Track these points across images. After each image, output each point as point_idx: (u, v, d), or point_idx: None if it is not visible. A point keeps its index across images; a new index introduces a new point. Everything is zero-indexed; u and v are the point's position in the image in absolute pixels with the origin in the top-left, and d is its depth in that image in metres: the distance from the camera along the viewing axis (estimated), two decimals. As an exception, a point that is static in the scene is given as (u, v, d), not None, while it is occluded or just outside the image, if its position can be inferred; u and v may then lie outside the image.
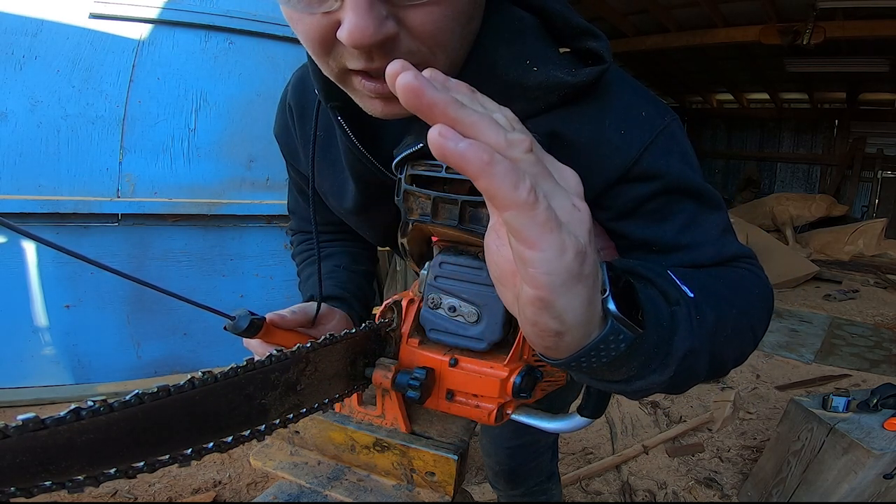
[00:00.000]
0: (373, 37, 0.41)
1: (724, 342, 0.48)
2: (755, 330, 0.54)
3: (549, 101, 0.52)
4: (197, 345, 2.45)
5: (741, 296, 0.53)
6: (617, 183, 0.55)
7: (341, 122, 0.58)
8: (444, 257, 0.60)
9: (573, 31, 0.54)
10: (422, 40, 0.45)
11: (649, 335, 0.38)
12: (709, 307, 0.45)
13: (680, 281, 0.45)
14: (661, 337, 0.39)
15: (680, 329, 0.41)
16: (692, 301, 0.44)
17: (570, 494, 1.93)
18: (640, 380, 0.41)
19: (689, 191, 0.57)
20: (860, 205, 8.01)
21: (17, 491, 0.30)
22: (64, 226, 2.16)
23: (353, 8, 0.40)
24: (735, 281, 0.55)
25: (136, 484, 1.79)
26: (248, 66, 2.45)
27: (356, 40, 0.40)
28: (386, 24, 0.41)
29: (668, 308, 0.41)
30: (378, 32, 0.41)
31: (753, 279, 0.58)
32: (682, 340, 0.41)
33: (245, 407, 0.41)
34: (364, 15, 0.40)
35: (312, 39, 0.45)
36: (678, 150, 0.56)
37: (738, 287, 0.54)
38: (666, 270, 0.46)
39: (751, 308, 0.53)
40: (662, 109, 0.57)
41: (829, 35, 4.85)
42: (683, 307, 0.42)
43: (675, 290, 0.43)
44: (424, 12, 0.43)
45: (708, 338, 0.44)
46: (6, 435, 0.30)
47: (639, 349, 0.37)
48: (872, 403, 1.59)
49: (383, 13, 0.41)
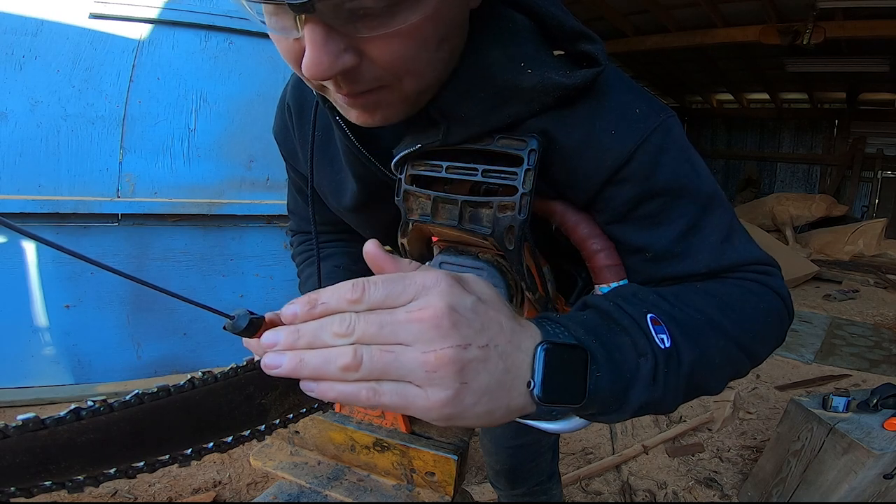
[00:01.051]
0: (328, 71, 0.41)
1: (708, 374, 0.49)
2: (753, 350, 0.52)
3: (544, 102, 0.51)
4: (197, 345, 2.45)
5: (737, 317, 0.51)
6: (608, 184, 0.54)
7: (339, 121, 0.58)
8: (444, 257, 0.60)
9: (568, 34, 0.53)
10: (385, 69, 0.44)
11: (600, 393, 0.41)
12: (689, 348, 0.46)
13: (656, 330, 0.45)
14: (616, 390, 0.42)
15: (638, 384, 0.43)
16: (665, 352, 0.44)
17: (570, 494, 1.93)
18: (602, 416, 0.44)
19: (687, 192, 0.54)
20: (860, 205, 8.01)
21: (17, 491, 0.30)
22: (64, 226, 2.16)
23: (310, 42, 0.40)
24: (733, 299, 0.52)
25: (136, 484, 1.79)
26: (248, 66, 2.45)
27: (312, 74, 0.41)
28: (343, 57, 0.41)
29: (635, 359, 0.43)
30: (334, 66, 0.41)
31: (759, 292, 0.54)
32: (637, 394, 0.43)
33: (245, 407, 0.41)
34: (319, 50, 0.40)
35: (287, 60, 0.46)
36: (674, 148, 0.54)
37: (734, 307, 0.52)
38: (645, 316, 0.45)
39: (750, 329, 0.52)
40: (658, 108, 0.55)
41: (829, 35, 4.85)
42: (649, 360, 0.43)
43: (646, 342, 0.44)
44: (384, 44, 0.42)
45: (683, 380, 0.46)
46: (6, 435, 0.30)
47: (588, 405, 0.41)
48: (872, 403, 1.59)
49: (340, 46, 0.41)
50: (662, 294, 0.50)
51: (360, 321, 0.34)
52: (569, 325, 0.43)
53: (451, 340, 0.34)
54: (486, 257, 0.59)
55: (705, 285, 0.54)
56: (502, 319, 0.37)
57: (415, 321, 0.34)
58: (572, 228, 0.58)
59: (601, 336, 0.43)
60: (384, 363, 0.34)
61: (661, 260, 0.56)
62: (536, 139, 0.51)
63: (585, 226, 0.58)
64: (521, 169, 0.50)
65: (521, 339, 0.38)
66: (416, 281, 0.35)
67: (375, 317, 0.34)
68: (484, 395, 0.35)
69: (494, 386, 0.36)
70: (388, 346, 0.34)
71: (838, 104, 8.03)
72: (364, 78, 0.45)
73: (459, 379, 0.34)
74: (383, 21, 0.40)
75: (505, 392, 0.37)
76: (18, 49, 2.06)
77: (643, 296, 0.49)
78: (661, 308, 0.48)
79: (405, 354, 0.34)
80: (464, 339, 0.34)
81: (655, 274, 0.57)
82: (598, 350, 0.41)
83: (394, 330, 0.34)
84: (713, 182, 0.57)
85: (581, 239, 0.58)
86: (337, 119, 0.58)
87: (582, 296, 0.65)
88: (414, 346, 0.34)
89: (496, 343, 0.36)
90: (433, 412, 0.34)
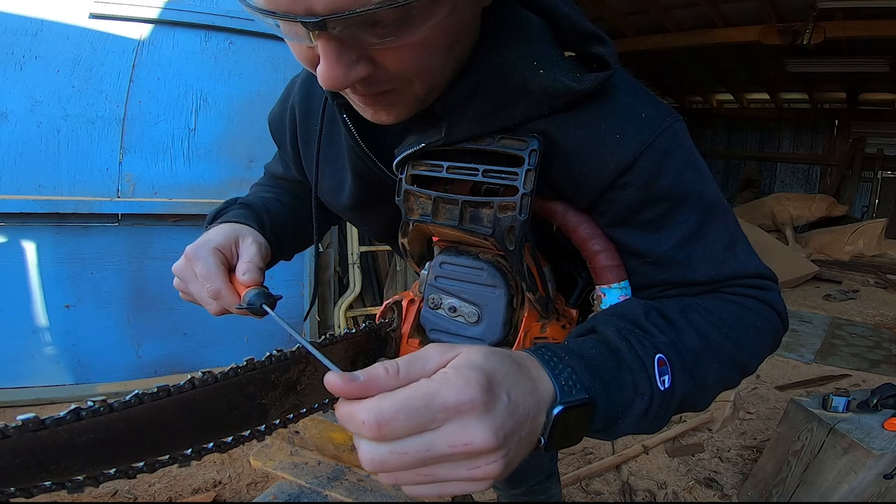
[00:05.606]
0: (343, 83, 0.42)
1: (699, 397, 0.50)
2: (746, 365, 0.54)
3: (553, 105, 0.51)
4: (197, 345, 2.45)
5: (735, 336, 0.52)
6: (611, 188, 0.53)
7: (346, 119, 0.59)
8: (444, 257, 0.60)
9: (580, 35, 0.53)
10: (399, 74, 0.45)
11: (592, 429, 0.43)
12: (685, 383, 0.47)
13: (660, 371, 0.46)
14: (606, 424, 0.44)
15: (628, 419, 0.45)
16: (662, 392, 0.46)
17: (570, 494, 1.93)
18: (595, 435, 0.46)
19: (690, 199, 0.54)
20: (860, 205, 8.01)
21: (16, 491, 0.30)
22: (64, 226, 2.16)
23: (324, 56, 0.41)
24: (732, 319, 0.53)
25: (136, 484, 1.79)
26: (248, 66, 2.45)
27: (328, 86, 0.43)
28: (356, 67, 0.42)
29: (631, 397, 0.45)
30: (348, 78, 0.42)
31: (757, 309, 0.55)
32: (625, 428, 0.45)
33: (245, 407, 0.41)
34: (333, 63, 0.41)
35: (302, 62, 0.47)
36: (679, 153, 0.53)
37: (732, 327, 0.52)
38: (653, 358, 0.46)
39: (745, 346, 0.53)
40: (664, 111, 0.54)
41: (829, 35, 4.85)
42: (645, 400, 0.45)
43: (647, 385, 0.45)
44: (396, 53, 0.43)
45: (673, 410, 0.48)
46: (6, 435, 0.30)
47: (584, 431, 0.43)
48: (872, 403, 1.59)
49: (353, 58, 0.42)
50: (669, 316, 0.51)
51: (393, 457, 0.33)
52: (576, 368, 0.42)
53: (497, 454, 0.34)
54: (487, 257, 0.59)
55: (705, 302, 0.54)
56: (528, 400, 0.37)
57: (461, 452, 0.33)
58: (573, 229, 0.58)
59: (605, 376, 0.44)
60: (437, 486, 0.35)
61: (662, 265, 0.55)
62: (537, 139, 0.51)
63: (586, 226, 0.57)
64: (521, 169, 0.50)
65: (541, 410, 0.38)
66: (448, 401, 0.33)
67: (412, 455, 0.33)
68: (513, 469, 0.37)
69: (520, 459, 0.37)
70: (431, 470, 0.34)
71: (838, 104, 8.03)
72: (378, 82, 0.46)
73: (505, 472, 0.35)
74: (395, 31, 0.40)
75: (526, 453, 0.38)
76: (18, 49, 2.06)
77: (651, 328, 0.49)
78: (668, 344, 0.48)
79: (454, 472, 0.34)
80: (509, 446, 0.35)
81: (655, 278, 0.57)
82: (600, 394, 0.43)
83: (437, 460, 0.33)
84: (717, 189, 0.56)
85: (582, 239, 0.58)
86: (344, 117, 0.58)
87: (582, 296, 0.65)
88: (460, 462, 0.34)
89: (527, 428, 0.37)
90: None
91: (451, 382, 0.33)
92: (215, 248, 0.60)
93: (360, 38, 0.40)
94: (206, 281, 0.58)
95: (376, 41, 0.40)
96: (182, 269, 0.61)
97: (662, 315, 0.51)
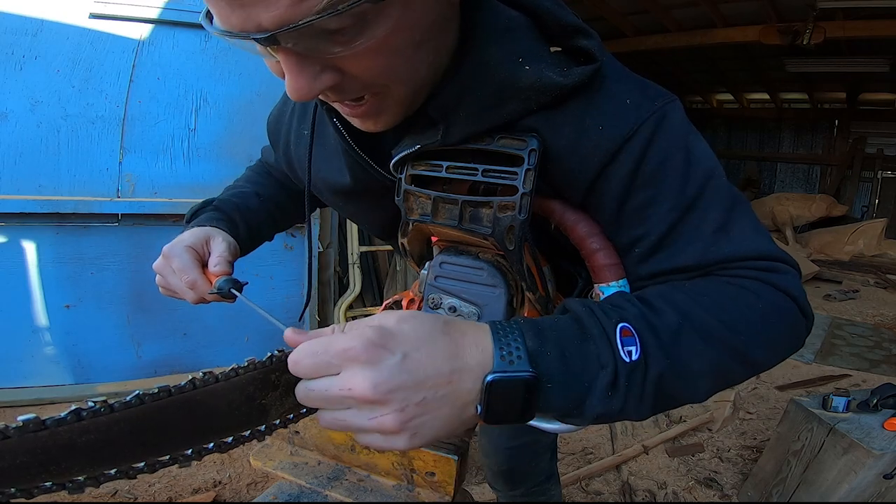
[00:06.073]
0: (309, 94, 0.43)
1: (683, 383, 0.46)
2: (749, 354, 0.48)
3: (542, 101, 0.51)
4: (197, 345, 2.45)
5: (727, 318, 0.47)
6: (597, 180, 0.52)
7: (336, 123, 0.58)
8: (444, 257, 0.60)
9: (564, 30, 0.53)
10: (370, 80, 0.45)
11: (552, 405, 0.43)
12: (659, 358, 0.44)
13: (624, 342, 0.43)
14: (569, 401, 0.43)
15: (593, 395, 0.43)
16: (629, 364, 0.43)
17: (570, 494, 1.93)
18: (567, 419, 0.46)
19: (679, 182, 0.51)
20: (860, 205, 8.00)
21: (17, 492, 0.30)
22: (64, 226, 2.16)
23: (286, 69, 0.41)
24: (723, 299, 0.49)
25: (136, 484, 1.79)
26: (248, 66, 2.45)
27: (295, 98, 0.43)
28: (321, 78, 0.43)
29: (595, 371, 0.43)
30: (313, 88, 0.43)
31: (758, 289, 0.50)
32: (592, 405, 0.43)
33: (245, 407, 0.41)
34: (296, 76, 0.42)
35: (277, 76, 0.46)
36: (666, 137, 0.51)
37: (724, 307, 0.48)
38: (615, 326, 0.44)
39: (743, 331, 0.48)
40: (653, 95, 0.53)
41: (829, 35, 4.84)
42: (608, 373, 0.43)
43: (609, 354, 0.43)
44: (357, 60, 0.42)
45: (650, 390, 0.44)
46: (7, 435, 0.30)
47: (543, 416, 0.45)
48: (872, 403, 1.59)
49: (316, 68, 0.42)
50: (646, 298, 0.48)
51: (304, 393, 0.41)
52: (526, 335, 0.42)
53: (387, 408, 0.38)
54: (486, 257, 0.59)
55: (694, 284, 0.51)
56: (438, 363, 0.39)
57: (348, 397, 0.38)
58: (571, 227, 0.58)
59: (565, 345, 0.43)
60: (344, 426, 0.40)
61: (651, 255, 0.54)
62: (537, 139, 0.51)
63: (584, 224, 0.57)
64: (521, 169, 0.50)
65: (463, 377, 0.40)
66: (337, 347, 0.38)
67: (316, 394, 0.40)
68: (438, 431, 0.40)
69: (443, 422, 0.40)
70: (340, 414, 0.40)
71: (838, 104, 8.03)
72: (350, 89, 0.46)
73: (409, 433, 0.39)
74: (349, 39, 0.40)
75: (456, 418, 0.41)
76: (18, 49, 2.06)
77: (623, 303, 0.47)
78: (638, 315, 0.46)
79: (356, 420, 0.39)
80: (399, 402, 0.38)
81: (645, 271, 0.55)
82: (554, 364, 0.42)
83: (337, 402, 0.39)
84: (712, 167, 0.53)
85: (580, 238, 0.58)
86: (334, 121, 0.58)
87: (582, 295, 0.65)
88: (360, 410, 0.39)
89: (435, 391, 0.39)
90: (401, 450, 0.41)
91: (347, 334, 0.39)
92: (188, 246, 0.69)
93: (318, 48, 0.40)
94: (182, 273, 0.67)
95: (335, 50, 0.40)
96: (161, 266, 0.71)
97: (639, 297, 0.49)
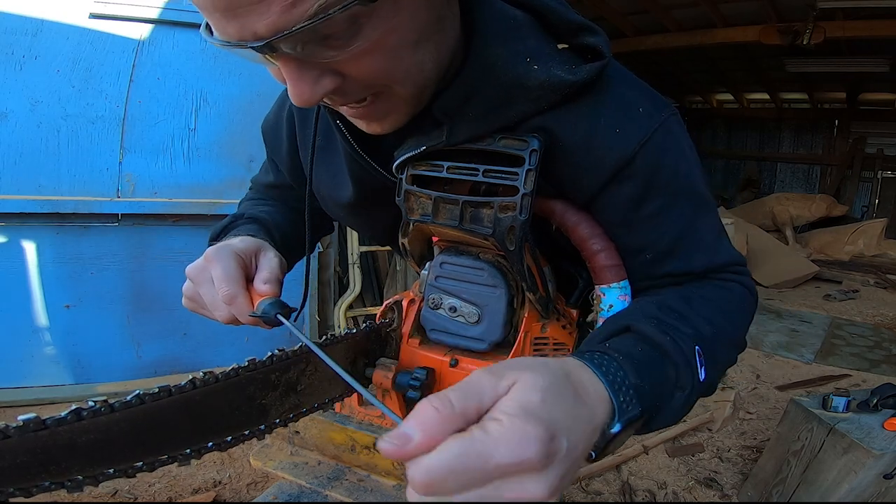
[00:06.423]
0: (311, 98, 0.43)
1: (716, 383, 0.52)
2: (741, 344, 0.58)
3: (551, 100, 0.51)
4: (197, 345, 2.45)
5: (733, 319, 0.56)
6: (610, 183, 0.54)
7: (339, 125, 0.58)
8: (444, 257, 0.60)
9: (570, 28, 0.53)
10: (371, 82, 0.45)
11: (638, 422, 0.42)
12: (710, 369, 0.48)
13: (700, 363, 0.46)
14: (647, 419, 0.43)
15: (664, 414, 0.45)
16: (699, 385, 0.46)
17: (570, 494, 1.92)
18: None
19: (685, 192, 0.55)
20: (860, 205, 8.00)
21: (16, 491, 0.30)
22: (64, 226, 2.16)
23: (286, 75, 0.42)
24: (730, 306, 0.56)
25: (136, 484, 1.79)
26: (248, 66, 2.40)
27: (298, 103, 0.43)
28: (322, 82, 0.43)
29: (671, 392, 0.45)
30: (315, 93, 0.43)
31: (741, 293, 0.58)
32: (658, 423, 0.45)
33: (245, 407, 0.41)
34: (296, 81, 0.42)
35: (280, 82, 0.46)
36: (675, 147, 0.54)
37: (730, 311, 0.56)
38: (694, 351, 0.46)
39: (741, 327, 0.57)
40: (660, 104, 0.55)
41: (829, 35, 4.84)
42: (684, 394, 0.45)
43: (689, 378, 0.45)
44: (356, 61, 0.42)
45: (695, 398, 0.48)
46: (7, 435, 0.30)
47: None
48: (872, 403, 1.59)
49: (316, 73, 0.42)
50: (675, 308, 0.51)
51: None
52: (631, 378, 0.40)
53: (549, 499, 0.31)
54: (487, 258, 0.59)
55: (702, 291, 0.56)
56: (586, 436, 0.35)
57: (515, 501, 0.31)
58: (572, 228, 0.58)
59: (652, 378, 0.43)
60: None
61: (661, 259, 0.56)
62: (538, 139, 0.51)
63: (586, 226, 0.57)
64: (522, 169, 0.50)
65: (596, 433, 0.36)
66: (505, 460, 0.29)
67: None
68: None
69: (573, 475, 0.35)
70: None
71: (838, 104, 8.03)
72: (353, 92, 0.46)
73: None
74: (345, 42, 0.40)
75: None
76: (18, 49, 2.06)
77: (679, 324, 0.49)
78: (693, 333, 0.49)
79: None
80: (560, 489, 0.32)
81: (654, 272, 0.58)
82: (648, 398, 0.41)
83: None
84: (704, 181, 0.59)
85: (581, 239, 0.58)
86: (337, 123, 0.58)
87: (582, 296, 0.65)
88: None
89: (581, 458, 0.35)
90: None
91: (508, 440, 0.29)
92: (236, 253, 0.58)
93: (314, 53, 0.40)
94: (223, 283, 0.55)
95: (332, 53, 0.41)
96: (198, 271, 0.58)
97: (672, 310, 0.51)
